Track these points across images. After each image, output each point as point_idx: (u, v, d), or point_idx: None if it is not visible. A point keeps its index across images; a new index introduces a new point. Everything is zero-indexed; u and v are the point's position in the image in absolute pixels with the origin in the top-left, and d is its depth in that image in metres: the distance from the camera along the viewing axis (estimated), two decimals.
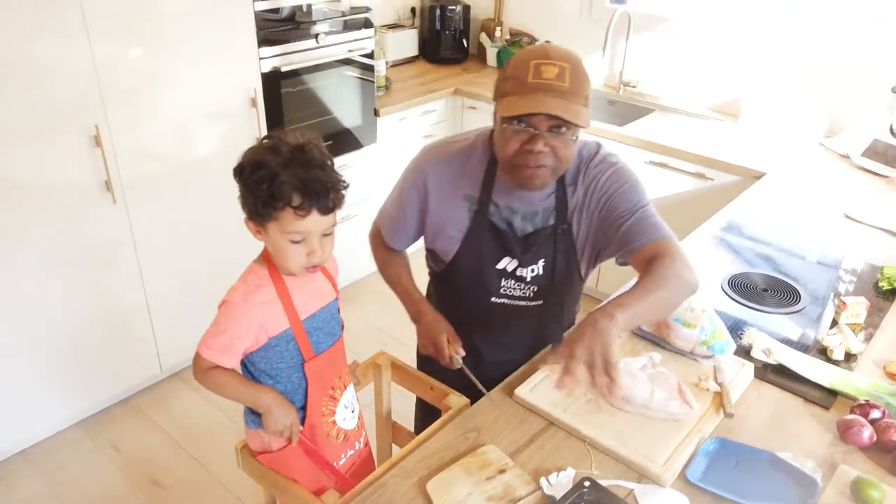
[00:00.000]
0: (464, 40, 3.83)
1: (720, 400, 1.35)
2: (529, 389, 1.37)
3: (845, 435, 1.28)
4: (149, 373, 2.67)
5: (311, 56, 2.76)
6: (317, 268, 1.23)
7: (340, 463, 1.41)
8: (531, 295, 1.48)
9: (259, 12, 2.53)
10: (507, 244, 1.42)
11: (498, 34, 3.82)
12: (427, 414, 1.61)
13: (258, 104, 2.58)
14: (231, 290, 1.25)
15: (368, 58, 2.99)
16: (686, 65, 3.22)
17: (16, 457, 2.41)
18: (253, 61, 2.54)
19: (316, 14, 2.80)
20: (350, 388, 1.42)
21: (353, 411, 1.42)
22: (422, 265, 1.64)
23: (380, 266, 1.61)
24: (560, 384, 1.10)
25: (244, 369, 1.32)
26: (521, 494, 1.15)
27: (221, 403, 2.55)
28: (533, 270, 1.44)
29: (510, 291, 1.47)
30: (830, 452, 1.26)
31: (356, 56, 2.93)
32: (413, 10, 3.82)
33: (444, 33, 3.75)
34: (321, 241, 1.19)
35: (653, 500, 1.15)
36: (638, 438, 1.25)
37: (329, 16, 2.82)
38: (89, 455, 2.44)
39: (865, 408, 1.31)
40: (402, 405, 1.78)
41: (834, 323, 1.62)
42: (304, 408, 1.33)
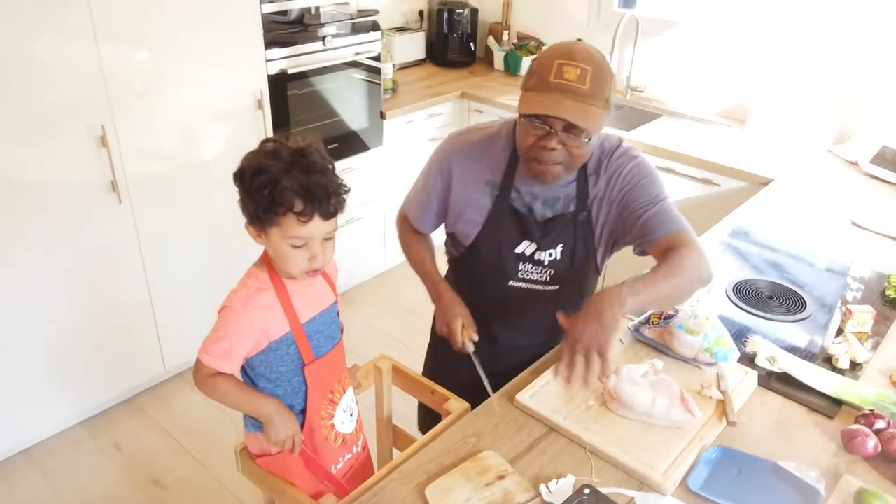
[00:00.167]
0: (471, 44, 3.83)
1: (723, 408, 1.33)
2: (530, 395, 1.36)
3: (849, 445, 1.27)
4: (152, 373, 2.68)
5: (318, 58, 2.76)
6: (318, 272, 1.23)
7: (338, 467, 1.40)
8: (547, 279, 1.51)
9: (267, 14, 2.54)
10: (527, 228, 1.46)
11: (505, 38, 3.82)
12: (430, 411, 1.62)
13: (264, 106, 2.59)
14: (231, 294, 1.25)
15: (375, 60, 3.00)
16: (694, 70, 3.21)
17: (18, 456, 2.41)
18: (260, 63, 2.54)
19: (324, 17, 2.81)
20: (349, 391, 1.42)
21: (351, 415, 1.42)
22: (441, 256, 1.68)
23: (404, 248, 1.66)
24: (561, 375, 1.18)
25: (243, 374, 1.32)
26: (520, 501, 1.14)
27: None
28: (551, 255, 1.48)
29: (527, 275, 1.51)
30: (834, 462, 1.25)
31: (363, 59, 2.94)
32: (421, 14, 3.82)
33: (452, 36, 3.76)
34: (322, 246, 1.19)
35: None
36: (639, 446, 1.24)
37: (337, 18, 2.82)
38: (91, 454, 2.44)
39: (870, 417, 1.30)
40: (404, 408, 1.77)
41: (840, 331, 1.60)
42: (303, 411, 1.32)
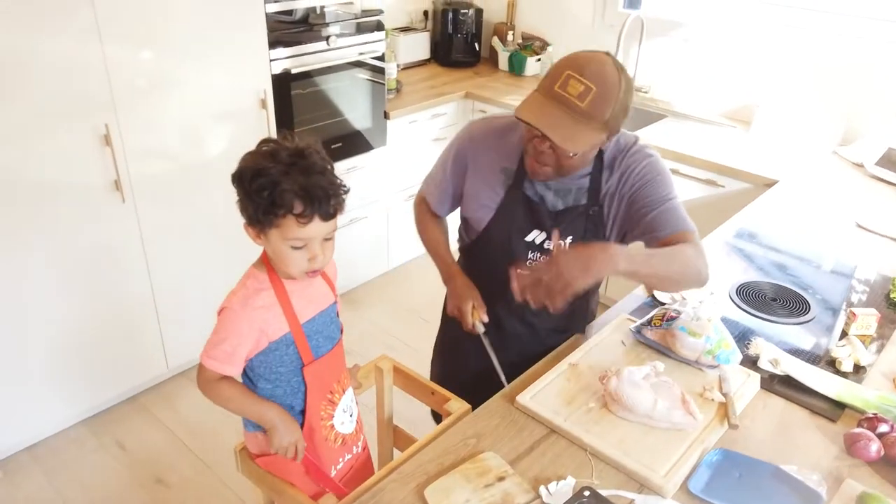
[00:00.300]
0: (476, 44, 3.83)
1: (725, 410, 1.32)
2: (531, 397, 1.36)
3: (852, 449, 1.26)
4: (155, 371, 2.69)
5: (322, 58, 2.76)
6: (318, 272, 1.23)
7: (338, 467, 1.40)
8: None
9: (272, 14, 2.54)
10: (538, 217, 1.49)
11: (510, 38, 3.82)
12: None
13: (268, 105, 2.59)
14: (230, 295, 1.25)
15: (379, 60, 3.00)
16: (699, 71, 3.20)
17: (22, 453, 2.42)
18: (263, 63, 2.55)
19: (329, 16, 2.81)
20: (349, 392, 1.41)
21: (351, 415, 1.42)
22: (454, 244, 1.71)
23: (420, 230, 1.71)
24: (518, 283, 1.21)
25: (243, 375, 1.32)
26: (520, 503, 1.14)
27: None
28: (560, 245, 1.50)
29: (536, 264, 1.52)
30: (836, 466, 1.24)
31: (367, 58, 2.94)
32: (425, 14, 3.82)
33: (456, 37, 3.75)
34: (322, 246, 1.19)
35: None
36: (640, 448, 1.24)
37: (341, 18, 2.82)
38: (94, 453, 2.45)
39: (873, 421, 1.29)
40: (405, 408, 1.77)
41: (843, 334, 1.59)
42: (302, 412, 1.32)
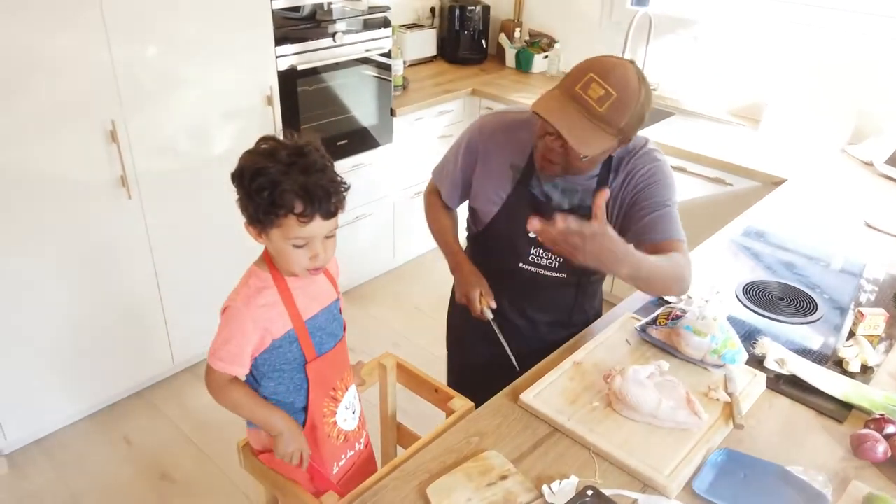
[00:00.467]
0: (483, 41, 3.82)
1: (730, 410, 1.32)
2: (534, 395, 1.35)
3: (859, 450, 1.25)
4: (161, 367, 2.70)
5: (328, 55, 2.76)
6: (320, 270, 1.23)
7: (341, 464, 1.40)
8: (556, 266, 1.54)
9: (278, 10, 2.54)
10: (543, 215, 1.46)
11: (517, 35, 3.80)
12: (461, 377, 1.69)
13: (274, 102, 2.59)
14: (232, 294, 1.24)
15: (386, 57, 2.99)
16: (707, 68, 3.17)
17: (30, 446, 2.44)
18: (270, 59, 2.55)
19: (336, 13, 2.80)
20: (352, 389, 1.41)
21: (354, 412, 1.42)
22: (462, 231, 1.72)
23: (429, 219, 1.72)
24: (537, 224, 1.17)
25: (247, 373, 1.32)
26: (522, 502, 1.14)
27: None
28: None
29: (538, 260, 1.54)
30: (842, 467, 1.23)
31: (373, 55, 2.93)
32: (432, 10, 3.81)
33: (463, 33, 3.74)
34: (324, 244, 1.19)
35: None
36: (644, 448, 1.23)
37: (348, 14, 2.82)
38: (101, 447, 2.46)
39: (881, 422, 1.28)
40: (409, 406, 1.77)
41: (851, 334, 1.58)
42: (305, 408, 1.32)
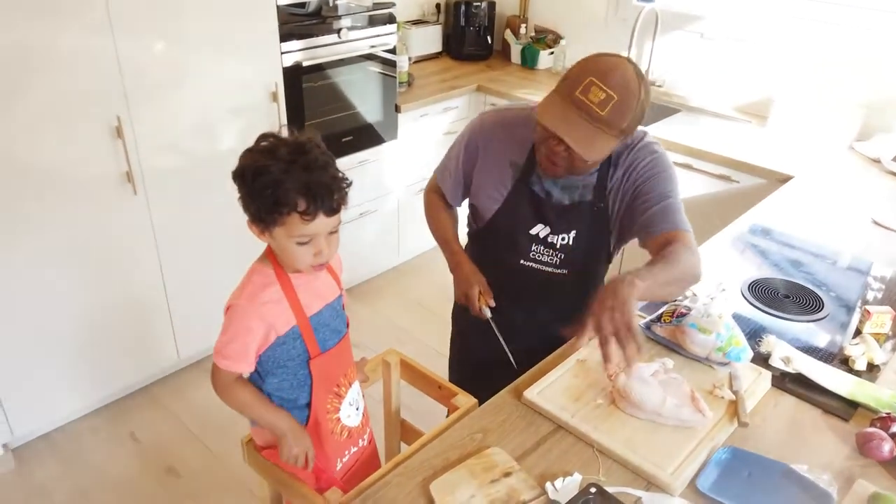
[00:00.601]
0: (488, 37, 3.80)
1: (735, 408, 1.31)
2: (538, 392, 1.35)
3: (864, 448, 1.24)
4: (167, 363, 2.71)
5: (333, 51, 2.76)
6: (323, 266, 1.23)
7: (344, 460, 1.40)
8: (557, 262, 1.55)
9: (284, 6, 2.54)
10: (543, 211, 1.50)
11: (523, 31, 3.79)
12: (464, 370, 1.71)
13: (279, 98, 2.59)
14: (236, 291, 1.25)
15: (391, 53, 2.99)
16: (714, 65, 3.16)
17: (37, 440, 2.46)
18: (275, 55, 2.55)
19: (341, 9, 2.80)
20: (355, 385, 1.41)
21: (357, 408, 1.42)
22: (463, 228, 1.73)
23: (429, 216, 1.72)
24: (608, 369, 1.25)
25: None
26: (526, 499, 1.13)
27: None
28: (563, 238, 1.52)
29: (539, 256, 1.55)
30: (848, 466, 1.22)
31: (378, 51, 2.93)
32: (438, 6, 3.80)
33: (469, 30, 3.73)
34: (327, 240, 1.19)
35: None
36: (648, 445, 1.23)
37: (353, 10, 2.81)
38: (108, 441, 2.48)
39: (886, 421, 1.27)
40: (413, 402, 1.77)
41: (857, 332, 1.57)
42: (308, 404, 1.32)
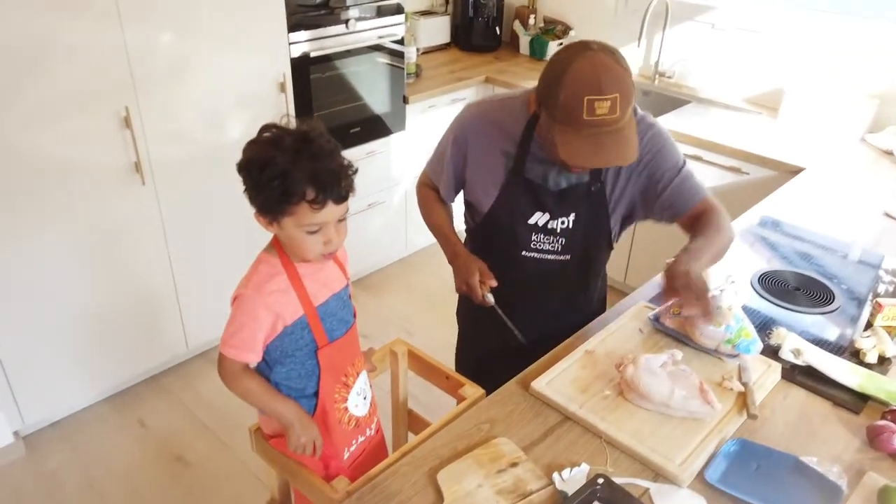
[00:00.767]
0: (497, 28, 3.78)
1: (744, 400, 1.30)
2: (546, 383, 1.35)
3: (875, 441, 1.23)
4: (175, 352, 2.72)
5: (341, 42, 2.75)
6: (333, 254, 1.23)
7: (351, 449, 1.41)
8: (559, 248, 1.54)
9: None
10: (541, 199, 1.48)
11: (532, 22, 3.77)
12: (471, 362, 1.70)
13: (287, 89, 2.59)
14: (243, 281, 1.25)
15: (399, 44, 2.97)
16: (725, 56, 3.13)
17: (47, 428, 2.48)
18: (283, 46, 2.54)
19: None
20: (363, 375, 1.41)
21: (365, 398, 1.42)
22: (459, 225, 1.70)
23: (424, 212, 1.70)
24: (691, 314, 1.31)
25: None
26: (532, 489, 1.13)
27: None
28: (563, 223, 1.50)
29: (540, 245, 1.53)
30: (858, 459, 1.22)
31: (386, 42, 2.92)
32: None
33: (477, 20, 3.71)
34: (336, 228, 1.19)
35: (669, 500, 1.12)
36: (656, 437, 1.22)
37: (361, 1, 2.80)
38: (117, 430, 2.50)
39: None
40: (420, 392, 1.77)
41: (869, 325, 1.56)
42: (315, 394, 1.32)
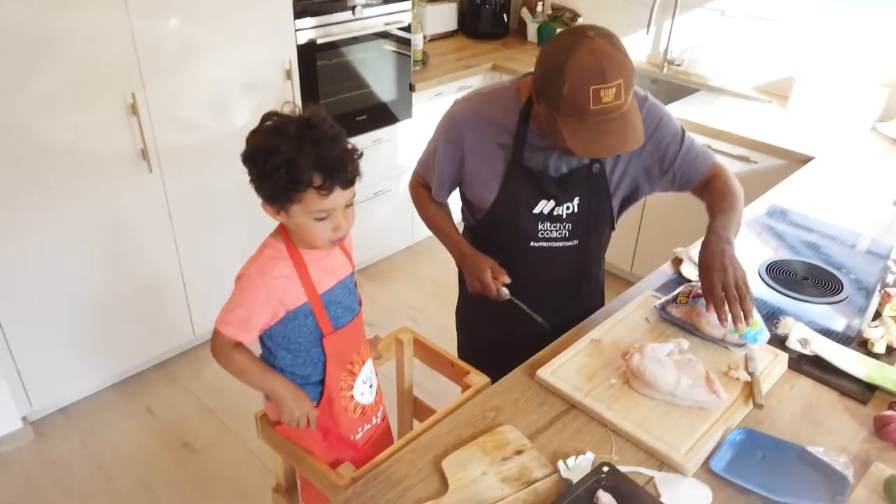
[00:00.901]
0: (504, 15, 3.75)
1: (750, 390, 1.30)
2: (551, 371, 1.34)
3: (882, 431, 1.23)
4: (182, 339, 2.73)
5: (348, 28, 2.73)
6: (341, 240, 1.23)
7: (357, 437, 1.41)
8: (566, 234, 1.52)
9: None
10: (543, 186, 1.47)
11: (539, 9, 3.73)
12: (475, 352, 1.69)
13: (293, 76, 2.58)
14: (248, 263, 1.25)
15: (405, 31, 2.96)
16: (735, 43, 3.09)
17: (55, 414, 2.50)
18: (289, 33, 2.53)
19: None
20: (369, 363, 1.42)
21: (371, 386, 1.42)
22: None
23: (423, 215, 1.66)
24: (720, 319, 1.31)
25: (262, 345, 1.33)
26: (537, 476, 1.13)
27: None
28: (568, 208, 1.49)
29: (547, 234, 1.52)
30: (864, 449, 1.21)
31: (393, 29, 2.90)
32: None
33: (484, 7, 3.68)
34: (344, 214, 1.19)
35: (674, 489, 1.12)
36: (661, 426, 1.22)
37: None
38: (124, 416, 2.51)
39: None
40: (426, 381, 1.78)
41: (877, 315, 1.55)
42: (321, 382, 1.33)
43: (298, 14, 2.53)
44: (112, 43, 2.10)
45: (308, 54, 2.63)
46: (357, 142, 1.23)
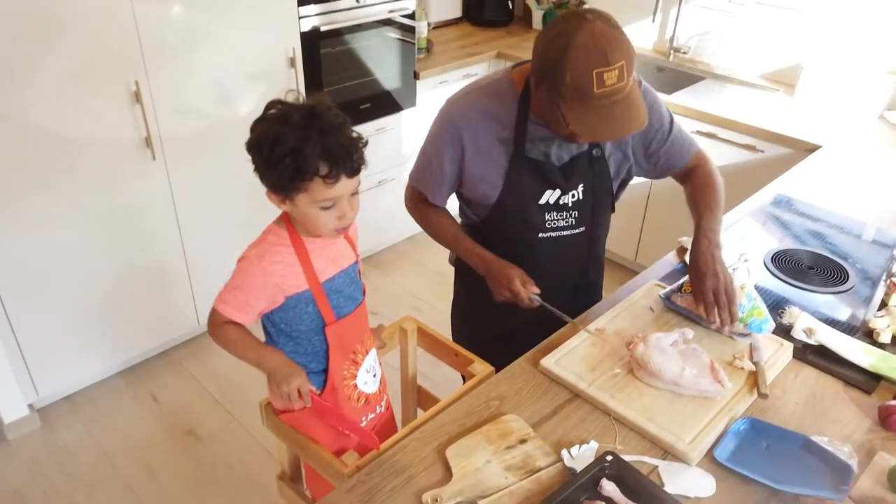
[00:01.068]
0: (509, 2, 3.73)
1: (754, 379, 1.30)
2: (555, 361, 1.34)
3: (886, 421, 1.22)
4: (187, 327, 2.74)
5: (352, 16, 2.72)
6: (346, 228, 1.23)
7: (361, 426, 1.41)
8: (573, 222, 1.52)
9: None
10: (548, 176, 1.46)
11: None
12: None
13: (297, 64, 2.57)
14: (250, 247, 1.25)
15: (410, 19, 2.94)
16: (741, 31, 3.06)
17: (61, 401, 2.52)
18: (292, 20, 2.51)
19: None
20: (372, 352, 1.42)
21: (374, 375, 1.42)
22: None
23: (433, 231, 1.62)
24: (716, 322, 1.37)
25: (265, 331, 1.33)
26: (541, 465, 1.14)
27: None
28: (573, 196, 1.49)
29: (555, 223, 1.51)
30: (869, 439, 1.21)
31: (397, 17, 2.88)
32: None
33: None
34: (350, 202, 1.19)
35: (677, 478, 1.12)
36: (665, 415, 1.22)
37: None
38: (129, 403, 2.53)
39: None
40: (430, 370, 1.78)
41: (883, 304, 1.54)
42: (324, 371, 1.33)
43: (302, 1, 2.52)
44: (115, 31, 2.09)
45: (312, 42, 2.62)
46: (361, 130, 1.22)
